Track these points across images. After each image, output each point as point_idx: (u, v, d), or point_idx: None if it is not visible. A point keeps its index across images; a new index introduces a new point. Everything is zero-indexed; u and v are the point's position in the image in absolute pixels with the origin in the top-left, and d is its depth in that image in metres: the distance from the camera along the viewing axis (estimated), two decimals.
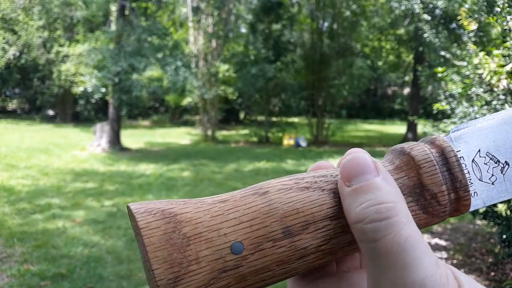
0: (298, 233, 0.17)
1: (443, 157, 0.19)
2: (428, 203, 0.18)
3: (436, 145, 0.19)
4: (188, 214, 0.16)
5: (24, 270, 2.27)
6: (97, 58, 6.46)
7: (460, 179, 0.18)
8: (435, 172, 0.18)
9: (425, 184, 0.18)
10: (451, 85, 2.39)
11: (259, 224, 0.16)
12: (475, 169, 0.19)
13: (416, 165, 0.18)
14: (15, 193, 3.89)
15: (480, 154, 0.20)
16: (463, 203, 0.19)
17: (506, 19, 2.31)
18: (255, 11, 8.72)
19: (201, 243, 0.15)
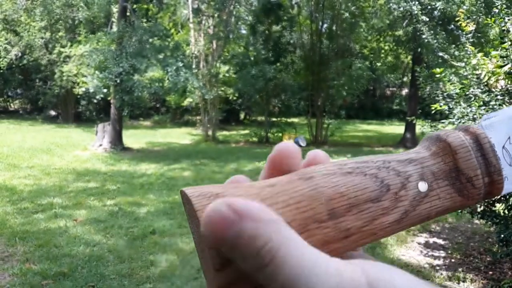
0: (342, 215, 0.17)
1: (477, 143, 0.20)
2: (464, 186, 0.19)
3: (470, 132, 0.20)
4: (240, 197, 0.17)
5: (26, 269, 2.29)
6: (99, 59, 6.50)
7: (494, 163, 0.19)
8: (470, 157, 0.19)
9: (461, 168, 0.19)
10: (449, 85, 2.41)
11: (305, 207, 0.17)
12: (506, 155, 0.20)
13: (452, 150, 0.19)
14: (17, 192, 3.92)
15: (510, 141, 0.20)
16: (496, 186, 0.19)
17: (504, 20, 2.33)
18: (255, 13, 8.77)
19: None
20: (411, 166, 0.19)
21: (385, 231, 0.18)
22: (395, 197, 0.18)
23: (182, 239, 2.84)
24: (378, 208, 0.18)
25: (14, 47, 10.76)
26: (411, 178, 0.19)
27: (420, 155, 0.20)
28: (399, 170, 0.19)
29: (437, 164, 0.19)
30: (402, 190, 0.18)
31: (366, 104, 17.21)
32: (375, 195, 0.18)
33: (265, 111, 8.61)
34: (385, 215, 0.18)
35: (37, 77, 11.67)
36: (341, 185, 0.18)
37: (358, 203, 0.18)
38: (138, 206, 3.67)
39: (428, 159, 0.19)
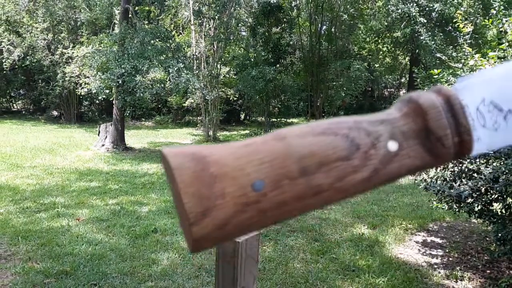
0: (313, 172, 0.18)
1: (448, 104, 0.20)
2: (434, 145, 0.19)
3: (443, 94, 0.20)
4: (216, 156, 0.17)
5: (29, 268, 2.31)
6: (101, 60, 6.55)
7: (464, 124, 0.20)
8: (440, 117, 0.19)
9: (431, 128, 0.19)
10: (446, 86, 2.43)
11: (279, 165, 0.17)
12: (479, 117, 0.20)
13: (423, 111, 0.19)
14: (19, 192, 3.95)
15: (484, 103, 0.20)
16: (466, 146, 0.20)
17: (501, 21, 2.35)
18: (255, 15, 8.82)
19: (226, 181, 0.17)
20: (381, 126, 0.20)
21: (356, 188, 0.19)
22: (365, 155, 0.19)
23: (183, 237, 2.86)
24: (348, 166, 0.18)
25: (17, 48, 10.83)
26: (381, 138, 0.19)
27: (391, 116, 0.20)
28: (369, 130, 0.19)
29: (407, 124, 0.20)
30: (372, 149, 0.19)
31: (364, 104, 17.19)
32: (345, 154, 0.18)
33: (265, 112, 8.64)
34: (355, 173, 0.18)
35: (39, 78, 11.73)
36: (313, 144, 0.18)
37: (329, 161, 0.18)
38: (140, 205, 3.70)
39: (399, 119, 0.20)
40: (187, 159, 0.17)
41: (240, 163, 0.18)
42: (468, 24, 2.81)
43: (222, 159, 0.18)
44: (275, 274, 2.35)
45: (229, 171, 0.17)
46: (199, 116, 11.06)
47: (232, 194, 0.17)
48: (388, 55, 10.94)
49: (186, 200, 0.16)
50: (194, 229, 0.17)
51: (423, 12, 7.72)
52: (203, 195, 0.17)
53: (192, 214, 0.16)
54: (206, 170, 0.17)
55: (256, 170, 0.18)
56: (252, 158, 0.18)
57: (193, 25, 9.25)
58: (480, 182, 2.20)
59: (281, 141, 0.19)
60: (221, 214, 0.17)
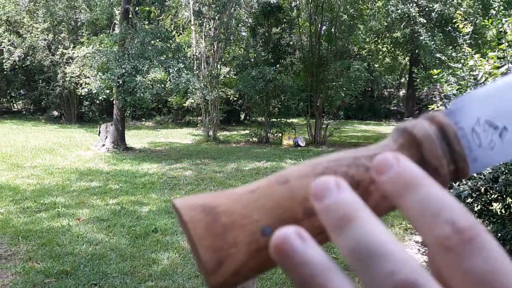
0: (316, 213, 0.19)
1: (442, 132, 0.20)
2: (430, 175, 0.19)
3: (436, 122, 0.20)
4: (224, 205, 0.18)
5: (29, 268, 2.31)
6: (102, 61, 6.56)
7: (458, 151, 0.20)
8: (435, 147, 0.20)
9: (426, 159, 0.20)
10: (446, 86, 2.44)
11: (284, 208, 0.18)
12: (475, 137, 0.20)
13: (417, 142, 0.20)
14: (20, 192, 3.96)
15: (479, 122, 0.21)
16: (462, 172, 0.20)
17: (501, 21, 2.36)
18: (255, 15, 8.83)
19: (237, 229, 0.18)
20: None
21: None
22: (365, 192, 0.19)
23: (183, 237, 2.88)
24: None
25: (17, 49, 10.85)
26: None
27: (388, 148, 0.21)
28: (368, 165, 0.20)
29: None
30: (371, 184, 0.19)
31: (364, 105, 17.24)
32: None
33: (265, 112, 8.65)
34: None
35: (40, 78, 11.75)
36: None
37: None
38: (140, 205, 3.71)
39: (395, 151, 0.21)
40: (198, 211, 0.18)
41: (247, 211, 0.19)
42: (467, 24, 2.81)
43: (230, 208, 0.19)
44: (275, 274, 2.35)
45: (237, 219, 0.18)
46: (199, 116, 11.08)
47: (243, 242, 0.18)
48: (388, 55, 10.95)
49: (202, 253, 0.18)
50: (212, 279, 0.18)
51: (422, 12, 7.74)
52: (217, 246, 0.18)
53: (208, 265, 0.18)
54: (217, 221, 0.18)
55: (263, 216, 0.19)
56: (258, 204, 0.19)
57: (193, 26, 9.27)
58: (479, 182, 2.21)
59: (284, 185, 0.19)
60: (236, 262, 0.18)
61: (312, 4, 8.72)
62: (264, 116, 8.70)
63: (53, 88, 11.45)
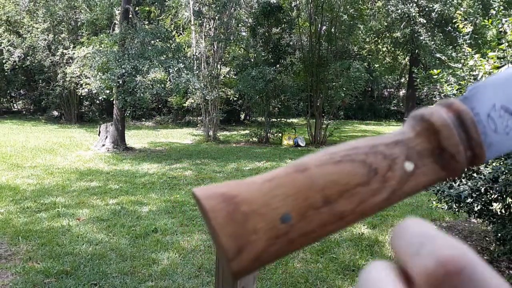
0: (336, 200, 0.19)
1: (459, 119, 0.20)
2: (447, 162, 0.20)
3: (453, 109, 0.21)
4: (244, 194, 0.19)
5: (29, 268, 2.31)
6: (102, 61, 6.56)
7: (475, 138, 0.20)
8: (452, 134, 0.20)
9: (444, 146, 0.20)
10: (446, 86, 2.44)
11: (303, 196, 0.19)
12: (491, 123, 0.21)
13: (435, 130, 0.20)
14: (20, 192, 3.96)
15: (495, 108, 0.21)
16: (478, 157, 0.21)
17: (501, 21, 2.36)
18: (255, 15, 8.83)
19: (257, 217, 0.18)
20: (397, 148, 0.20)
21: (374, 208, 0.20)
22: (383, 179, 0.20)
23: (183, 237, 2.88)
24: (368, 190, 0.20)
25: (17, 49, 10.85)
26: (398, 160, 0.20)
27: (405, 136, 0.21)
28: (385, 153, 0.20)
29: (421, 144, 0.21)
30: (389, 171, 0.20)
31: (364, 105, 17.25)
32: (364, 180, 0.20)
33: (265, 112, 8.65)
34: (375, 196, 0.20)
35: (40, 78, 11.75)
36: (333, 173, 0.20)
37: (349, 188, 0.19)
38: (140, 205, 3.71)
39: (413, 139, 0.21)
40: (219, 200, 0.19)
41: (267, 199, 0.19)
42: (467, 24, 2.82)
43: (250, 197, 0.19)
44: (275, 274, 2.35)
45: (257, 207, 0.19)
46: (199, 116, 11.08)
47: (263, 229, 0.19)
48: (388, 55, 10.95)
49: (224, 240, 0.18)
50: (233, 264, 0.18)
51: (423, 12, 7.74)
52: (238, 234, 0.18)
53: (229, 252, 0.18)
54: (237, 210, 0.19)
55: (282, 204, 0.19)
56: (277, 192, 0.19)
57: (193, 26, 9.26)
58: (479, 182, 2.21)
59: (303, 173, 0.20)
60: (255, 248, 0.18)
61: (312, 4, 8.72)
62: (264, 116, 8.70)
63: (53, 88, 11.46)
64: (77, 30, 11.84)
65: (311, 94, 8.80)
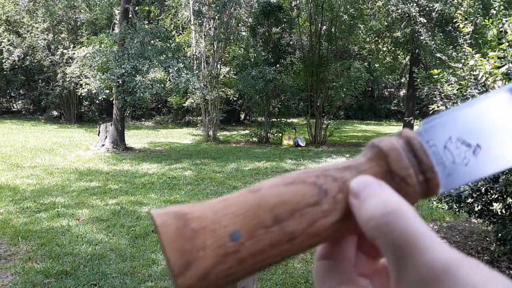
0: (286, 219, 0.19)
1: (409, 145, 0.21)
2: (399, 186, 0.21)
3: (403, 136, 0.22)
4: (196, 212, 0.19)
5: (29, 268, 2.31)
6: (101, 61, 6.55)
7: (425, 162, 0.21)
8: (401, 158, 0.21)
9: (393, 169, 0.21)
10: (446, 86, 2.43)
11: (252, 215, 0.19)
12: (448, 154, 0.21)
13: (384, 154, 0.21)
14: (20, 192, 3.95)
15: (451, 140, 0.21)
16: (432, 183, 0.21)
17: (501, 21, 2.35)
18: (255, 15, 8.83)
19: (206, 234, 0.19)
20: (347, 172, 0.21)
21: (328, 231, 0.20)
22: (334, 200, 0.20)
23: None
24: (318, 211, 0.20)
25: (17, 48, 10.84)
26: (347, 182, 0.21)
27: (356, 162, 0.22)
28: (335, 176, 0.21)
29: (372, 168, 0.21)
30: (339, 193, 0.20)
31: (364, 104, 17.27)
32: (314, 200, 0.20)
33: (265, 112, 8.65)
34: (326, 217, 0.20)
35: (39, 78, 11.75)
36: (284, 193, 0.20)
37: (299, 208, 0.20)
38: (140, 205, 3.71)
39: (363, 164, 0.21)
40: (170, 216, 0.19)
41: (218, 217, 0.19)
42: (468, 24, 2.81)
43: (202, 215, 0.19)
44: (275, 274, 2.35)
45: (208, 224, 0.19)
46: (199, 116, 11.08)
47: (212, 246, 0.19)
48: (388, 55, 10.94)
49: (170, 254, 0.18)
50: (179, 281, 0.18)
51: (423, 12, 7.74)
52: (186, 249, 0.18)
53: (176, 267, 0.18)
54: (187, 226, 0.19)
55: (232, 222, 0.19)
56: (228, 211, 0.20)
57: (193, 25, 9.26)
58: (480, 182, 2.20)
59: (255, 193, 0.20)
60: (203, 265, 0.18)
61: (312, 3, 8.71)
62: (264, 116, 8.70)
63: (52, 88, 11.45)
64: (77, 30, 11.83)
65: (311, 94, 8.80)
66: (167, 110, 13.97)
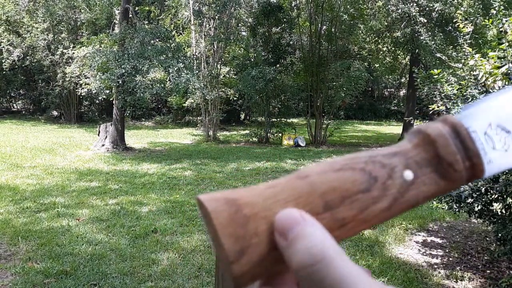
0: (337, 206, 0.20)
1: (455, 131, 0.21)
2: (446, 171, 0.21)
3: (449, 122, 0.22)
4: (246, 198, 0.19)
5: (28, 268, 2.30)
6: (101, 61, 6.55)
7: (472, 148, 0.21)
8: (448, 144, 0.21)
9: (441, 155, 0.21)
10: (446, 86, 2.43)
11: (304, 202, 0.19)
12: (488, 141, 0.21)
13: (432, 140, 0.21)
14: (20, 192, 3.95)
15: (491, 127, 0.22)
16: (477, 168, 0.21)
17: (501, 21, 2.35)
18: (255, 15, 8.83)
19: (258, 220, 0.19)
20: (395, 158, 0.21)
21: (378, 217, 0.20)
22: (383, 186, 0.20)
23: (183, 237, 2.87)
24: (368, 198, 0.20)
25: (17, 48, 10.84)
26: (397, 169, 0.21)
27: (403, 148, 0.22)
28: (384, 162, 0.21)
29: (419, 154, 0.21)
30: (389, 180, 0.20)
31: (364, 104, 17.30)
32: (365, 187, 0.20)
33: (265, 112, 8.65)
34: (376, 203, 0.20)
35: (39, 78, 11.75)
36: (333, 180, 0.20)
37: (350, 195, 0.20)
38: (140, 205, 3.70)
39: (411, 150, 0.21)
40: (221, 202, 0.19)
41: (268, 203, 0.19)
42: (468, 24, 2.81)
43: (252, 201, 0.19)
44: None
45: (259, 211, 0.19)
46: (199, 116, 11.08)
47: (265, 233, 0.19)
48: (388, 55, 10.95)
49: (225, 240, 0.18)
50: (234, 267, 0.18)
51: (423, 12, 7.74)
52: (239, 235, 0.18)
53: (231, 253, 0.18)
54: (239, 212, 0.19)
55: (283, 208, 0.19)
56: (279, 197, 0.20)
57: (193, 25, 9.26)
58: (480, 182, 2.20)
59: (304, 180, 0.20)
60: (257, 251, 0.18)
61: (312, 3, 8.71)
62: (264, 116, 8.70)
63: (52, 88, 11.45)
64: (77, 30, 11.83)
65: (311, 94, 8.80)
66: (167, 110, 13.97)
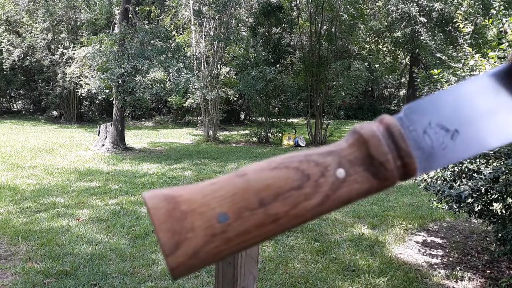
0: (270, 202, 0.21)
1: (388, 131, 0.22)
2: (378, 170, 0.22)
3: (383, 123, 0.23)
4: (185, 195, 0.20)
5: (29, 268, 2.30)
6: (101, 61, 6.55)
7: (404, 148, 0.22)
8: (380, 144, 0.22)
9: (373, 154, 0.22)
10: (446, 86, 2.43)
11: (239, 198, 0.21)
12: (427, 139, 0.22)
13: (364, 140, 0.22)
14: (20, 192, 3.95)
15: (431, 125, 0.22)
16: (409, 167, 0.22)
17: (501, 21, 2.35)
18: (255, 15, 8.83)
19: (195, 216, 0.20)
20: (329, 157, 0.22)
21: (310, 213, 0.21)
22: (316, 184, 0.21)
23: None
24: (300, 194, 0.21)
25: (17, 48, 10.84)
26: (330, 167, 0.22)
27: (338, 147, 0.23)
28: (318, 161, 0.22)
29: (353, 153, 0.22)
30: (321, 177, 0.21)
31: (364, 104, 17.30)
32: (297, 184, 0.21)
33: (265, 112, 8.65)
34: (308, 200, 0.21)
35: (39, 78, 11.75)
36: (268, 178, 0.21)
37: (283, 192, 0.21)
38: (140, 205, 3.71)
39: (345, 149, 0.23)
40: (160, 199, 0.20)
41: (206, 200, 0.20)
42: (468, 24, 2.81)
43: (191, 197, 0.20)
44: (275, 274, 2.35)
45: (197, 207, 0.20)
46: (199, 116, 11.08)
47: (200, 227, 0.20)
48: (388, 55, 10.96)
49: (161, 235, 0.19)
50: (169, 259, 0.19)
51: (423, 12, 7.75)
52: (175, 230, 0.19)
53: (166, 247, 0.19)
54: (177, 208, 0.20)
55: (220, 204, 0.20)
56: (216, 194, 0.21)
57: (193, 25, 9.26)
58: (480, 182, 2.20)
59: (242, 177, 0.21)
60: (192, 245, 0.19)
61: (313, 3, 8.71)
62: (264, 116, 8.70)
63: (52, 88, 11.45)
64: (77, 30, 11.83)
65: (311, 94, 8.80)
66: (167, 110, 13.97)
